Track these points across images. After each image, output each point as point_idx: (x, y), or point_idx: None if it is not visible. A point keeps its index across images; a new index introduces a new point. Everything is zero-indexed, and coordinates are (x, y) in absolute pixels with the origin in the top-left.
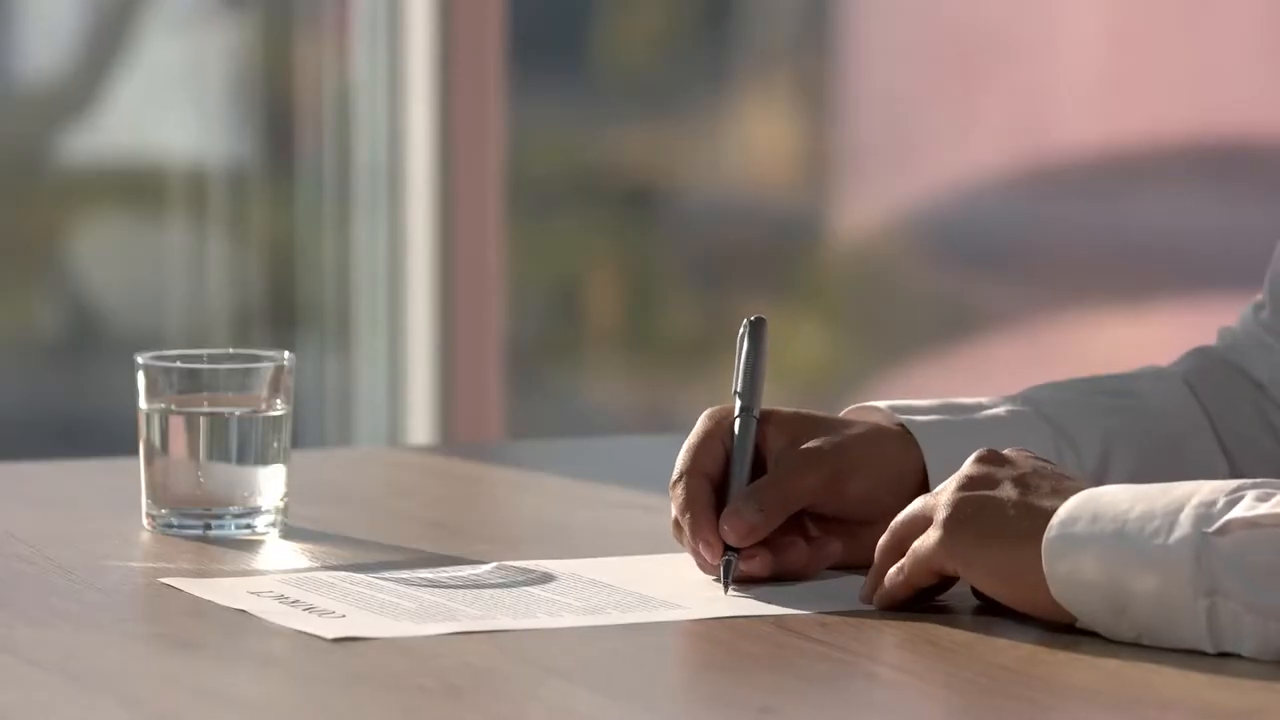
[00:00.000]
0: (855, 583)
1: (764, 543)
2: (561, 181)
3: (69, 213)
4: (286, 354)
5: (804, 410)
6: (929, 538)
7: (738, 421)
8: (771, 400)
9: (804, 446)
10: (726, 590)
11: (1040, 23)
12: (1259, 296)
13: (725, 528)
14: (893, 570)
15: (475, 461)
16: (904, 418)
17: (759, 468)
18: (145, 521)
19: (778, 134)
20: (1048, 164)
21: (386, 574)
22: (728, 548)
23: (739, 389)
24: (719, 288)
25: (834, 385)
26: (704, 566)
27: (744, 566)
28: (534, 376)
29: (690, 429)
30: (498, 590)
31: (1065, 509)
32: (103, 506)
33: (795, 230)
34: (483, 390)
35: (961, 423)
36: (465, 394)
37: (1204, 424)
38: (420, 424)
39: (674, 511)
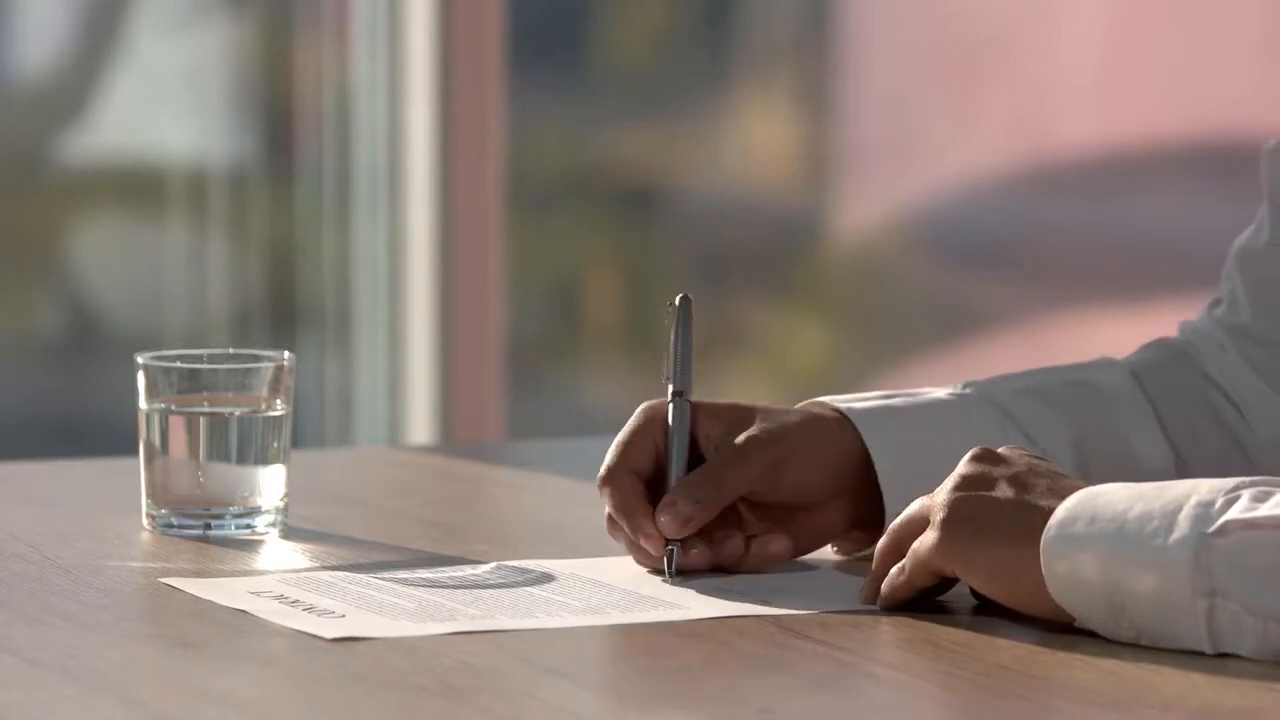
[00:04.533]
0: (855, 583)
1: (701, 533)
2: (561, 181)
3: (68, 213)
4: (286, 354)
5: (739, 401)
6: (927, 539)
7: (671, 407)
8: (772, 400)
9: (741, 436)
10: (670, 577)
11: (1040, 23)
12: (1217, 294)
13: (662, 520)
14: (893, 571)
15: (475, 461)
16: (844, 406)
17: (695, 453)
18: (145, 521)
19: (777, 134)
20: (1047, 164)
21: (386, 574)
22: (668, 540)
23: (669, 375)
24: (719, 288)
25: (834, 385)
26: (644, 560)
27: (681, 559)
28: (534, 376)
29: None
30: (498, 590)
31: (1064, 509)
32: (103, 506)
33: (795, 230)
34: (482, 390)
35: (902, 406)
36: (465, 394)
37: (1149, 414)
38: (420, 424)
39: (607, 508)
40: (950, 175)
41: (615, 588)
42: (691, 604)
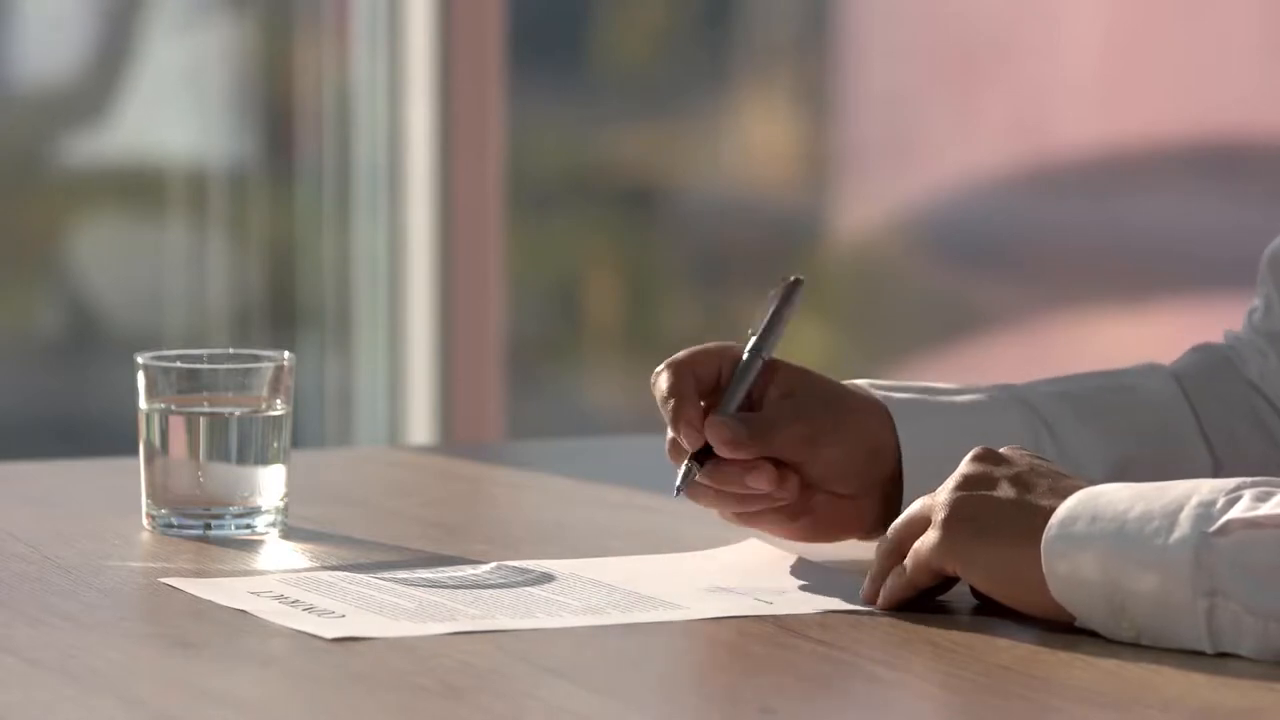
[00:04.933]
0: (855, 583)
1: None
2: (561, 181)
3: (69, 213)
4: (286, 354)
5: (809, 368)
6: (928, 538)
7: (746, 355)
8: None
9: (796, 398)
10: (679, 492)
11: (1040, 23)
12: (1254, 301)
13: (710, 428)
14: (894, 571)
15: (475, 461)
16: (881, 394)
17: (747, 409)
18: (145, 521)
19: (778, 134)
20: (1047, 164)
21: (386, 574)
22: (696, 454)
23: (756, 330)
24: (719, 287)
25: None
26: (674, 454)
27: (697, 478)
28: (534, 376)
29: None
30: (498, 590)
31: (1064, 508)
32: (103, 506)
33: (795, 230)
34: (482, 390)
35: (938, 403)
36: (465, 394)
37: (1190, 419)
38: (420, 424)
39: (657, 395)
40: (950, 175)
41: (615, 588)
42: (691, 604)
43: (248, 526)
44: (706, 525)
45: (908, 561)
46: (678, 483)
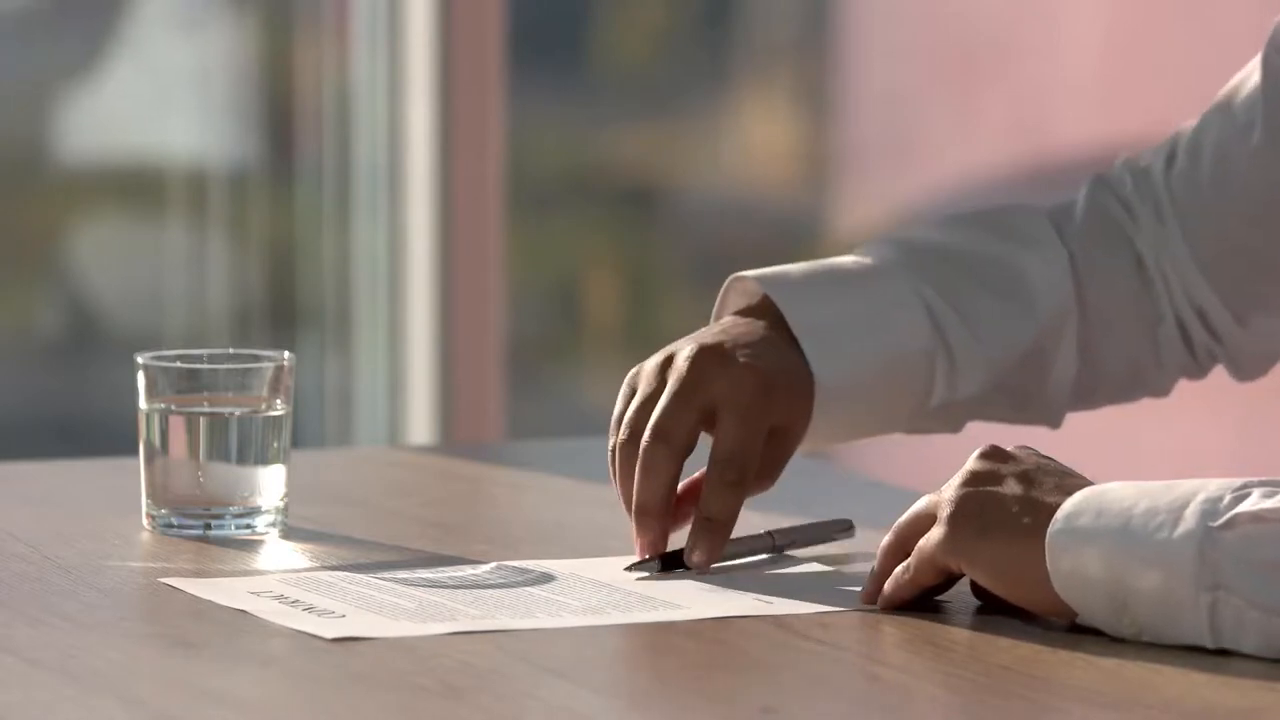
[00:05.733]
0: (856, 583)
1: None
2: (561, 181)
3: (68, 213)
4: (286, 354)
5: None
6: (934, 535)
7: (763, 533)
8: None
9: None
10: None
11: (1040, 23)
12: (1172, 147)
13: (700, 565)
14: (898, 570)
15: (475, 461)
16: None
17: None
18: (145, 521)
19: (778, 134)
20: (1048, 164)
21: (386, 574)
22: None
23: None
24: (719, 287)
25: None
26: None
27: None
28: (534, 376)
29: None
30: (498, 590)
31: (1069, 504)
32: (103, 506)
33: (795, 230)
34: (483, 390)
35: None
36: (465, 394)
37: (1071, 325)
38: (420, 424)
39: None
40: (950, 175)
41: (615, 587)
42: (691, 604)
43: (248, 526)
44: None
45: (912, 559)
46: (635, 569)
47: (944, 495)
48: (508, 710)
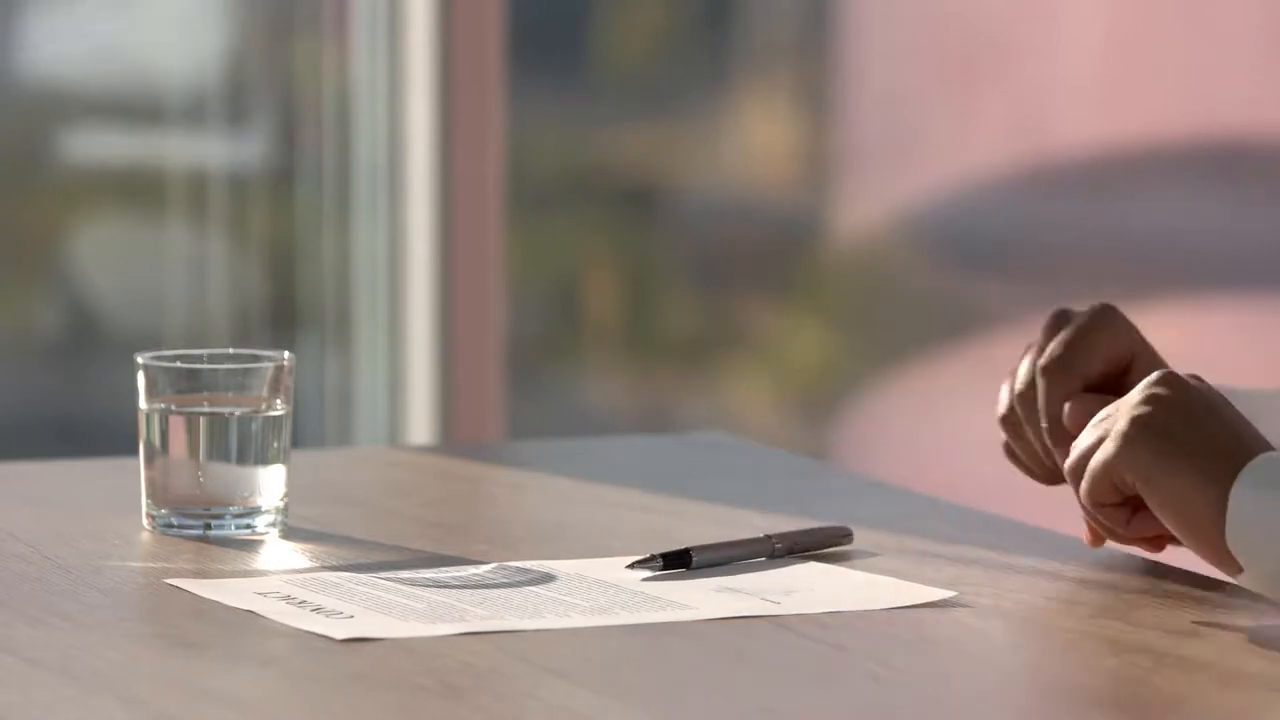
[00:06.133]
0: (855, 583)
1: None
2: (561, 181)
3: (68, 213)
4: (286, 354)
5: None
6: (1106, 449)
7: (762, 536)
8: (765, 406)
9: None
10: (634, 565)
11: (1040, 23)
12: None
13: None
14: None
15: (475, 461)
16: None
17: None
18: (145, 521)
19: (778, 134)
20: (1048, 164)
21: (389, 574)
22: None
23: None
24: (718, 287)
25: (833, 385)
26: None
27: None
28: (534, 376)
29: (688, 429)
30: (505, 590)
31: (1264, 457)
32: (103, 506)
33: (795, 230)
34: (482, 390)
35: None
36: (465, 394)
37: None
38: (420, 424)
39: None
40: (950, 175)
41: (621, 587)
42: (696, 604)
43: (248, 526)
44: (707, 525)
45: (1085, 478)
46: (637, 567)
47: (1121, 408)
48: (508, 710)
